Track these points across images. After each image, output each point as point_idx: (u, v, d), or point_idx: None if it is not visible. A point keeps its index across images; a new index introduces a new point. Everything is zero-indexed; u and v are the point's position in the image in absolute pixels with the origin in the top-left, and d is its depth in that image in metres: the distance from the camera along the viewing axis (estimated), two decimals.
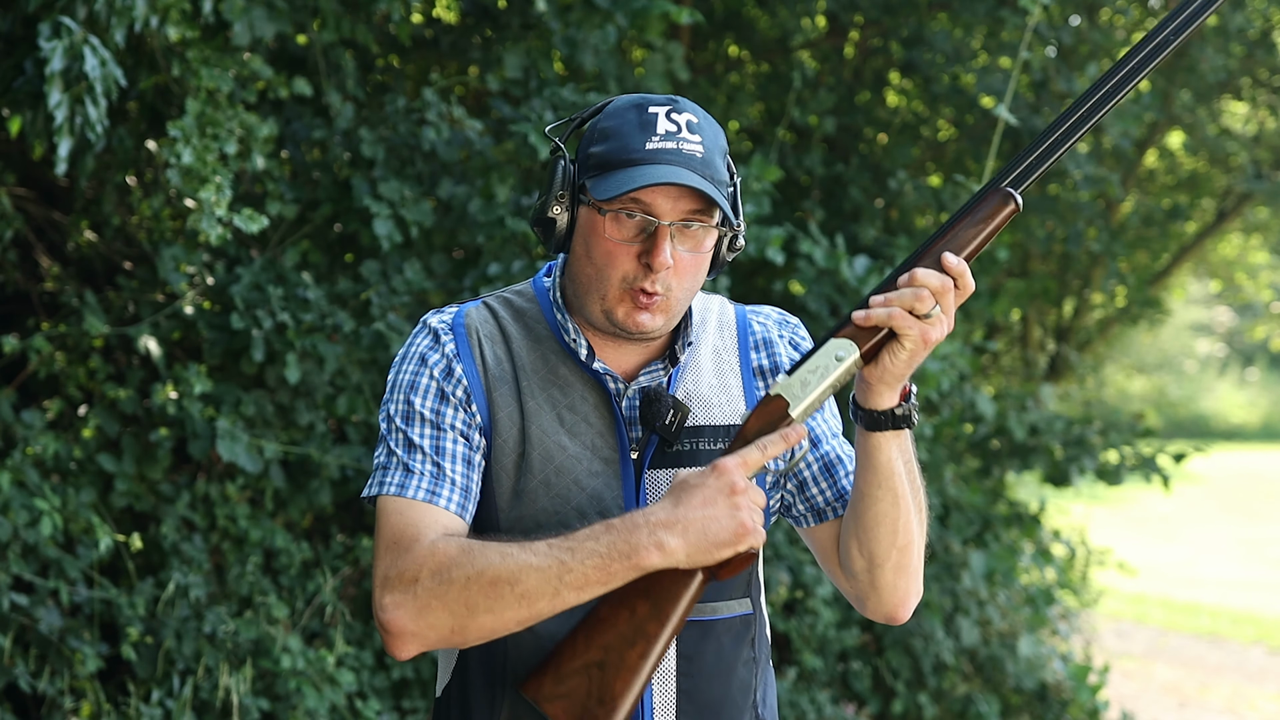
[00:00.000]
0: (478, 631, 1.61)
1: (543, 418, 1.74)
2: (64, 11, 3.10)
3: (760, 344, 1.88)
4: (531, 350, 1.78)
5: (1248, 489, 18.20)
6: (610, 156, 1.69)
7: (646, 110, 1.70)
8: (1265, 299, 10.49)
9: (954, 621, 5.42)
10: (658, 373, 1.79)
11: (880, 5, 5.67)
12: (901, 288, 1.65)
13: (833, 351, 1.68)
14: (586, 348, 1.76)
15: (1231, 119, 7.71)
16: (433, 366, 1.75)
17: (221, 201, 3.44)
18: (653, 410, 1.74)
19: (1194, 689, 8.13)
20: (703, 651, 1.76)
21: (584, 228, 1.72)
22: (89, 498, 3.72)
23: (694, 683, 1.75)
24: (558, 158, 1.75)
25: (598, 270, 1.71)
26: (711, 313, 1.89)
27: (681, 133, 1.69)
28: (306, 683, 3.72)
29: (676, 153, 1.67)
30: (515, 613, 1.60)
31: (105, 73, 3.09)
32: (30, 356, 3.77)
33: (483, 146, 4.17)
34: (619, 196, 1.66)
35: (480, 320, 1.79)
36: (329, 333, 3.93)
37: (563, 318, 1.77)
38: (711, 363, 1.84)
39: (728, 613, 1.78)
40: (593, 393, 1.77)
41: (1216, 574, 12.36)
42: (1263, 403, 26.76)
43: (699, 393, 1.81)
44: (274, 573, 4.07)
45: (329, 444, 4.03)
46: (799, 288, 4.92)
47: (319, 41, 4.16)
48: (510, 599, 1.59)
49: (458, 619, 1.60)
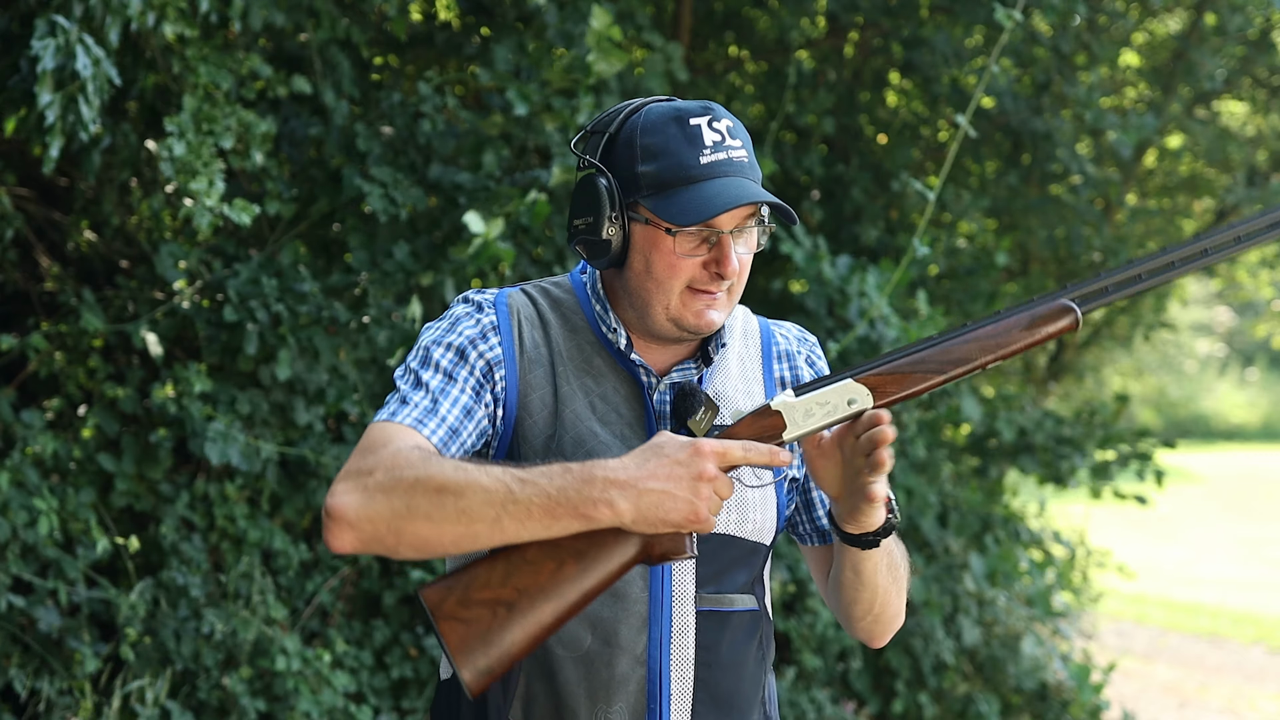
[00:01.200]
0: (412, 538, 1.58)
1: (576, 403, 1.76)
2: (59, 10, 3.09)
3: (783, 355, 1.91)
4: (568, 339, 1.80)
5: (1248, 489, 18.20)
6: (665, 175, 1.71)
7: (688, 123, 1.72)
8: (1266, 296, 10.48)
9: (954, 621, 5.42)
10: (690, 371, 1.81)
11: (880, 7, 5.67)
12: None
13: (847, 394, 1.67)
14: (626, 339, 1.79)
15: (1231, 119, 7.71)
16: (466, 329, 1.77)
17: (213, 193, 3.44)
18: (686, 405, 1.75)
19: (1194, 689, 8.13)
20: (720, 642, 1.77)
21: (643, 244, 1.74)
22: (88, 498, 3.72)
23: (711, 673, 1.76)
24: (594, 176, 1.75)
25: (659, 282, 1.73)
26: (736, 320, 1.91)
27: (726, 141, 1.73)
28: (304, 683, 3.72)
29: (729, 163, 1.72)
30: (452, 527, 1.57)
31: (98, 71, 3.08)
32: (29, 355, 3.77)
33: (472, 124, 4.19)
34: (698, 223, 1.68)
35: (521, 303, 1.82)
36: (326, 325, 3.94)
37: (603, 310, 1.80)
38: (737, 368, 1.87)
39: (740, 606, 1.80)
40: (625, 385, 1.79)
41: (1216, 574, 12.36)
42: (1263, 403, 26.76)
43: (727, 394, 1.84)
44: (273, 573, 4.07)
45: (326, 444, 4.03)
46: (799, 286, 4.93)
47: (314, 40, 4.17)
48: (451, 511, 1.57)
49: (397, 518, 1.57)
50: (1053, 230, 6.63)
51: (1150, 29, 6.96)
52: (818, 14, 5.98)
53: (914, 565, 5.28)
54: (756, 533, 1.81)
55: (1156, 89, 6.89)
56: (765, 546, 1.83)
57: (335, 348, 3.95)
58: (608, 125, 1.78)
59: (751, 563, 1.81)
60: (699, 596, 1.76)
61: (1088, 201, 6.45)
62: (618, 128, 1.77)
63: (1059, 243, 6.87)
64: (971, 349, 1.67)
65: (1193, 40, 6.42)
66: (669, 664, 1.74)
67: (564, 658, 1.73)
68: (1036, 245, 6.91)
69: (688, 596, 1.76)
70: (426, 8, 5.01)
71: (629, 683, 1.73)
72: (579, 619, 1.71)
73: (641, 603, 1.74)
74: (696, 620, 1.76)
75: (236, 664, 3.78)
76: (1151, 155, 7.45)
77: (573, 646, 1.73)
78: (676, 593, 1.75)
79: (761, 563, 1.83)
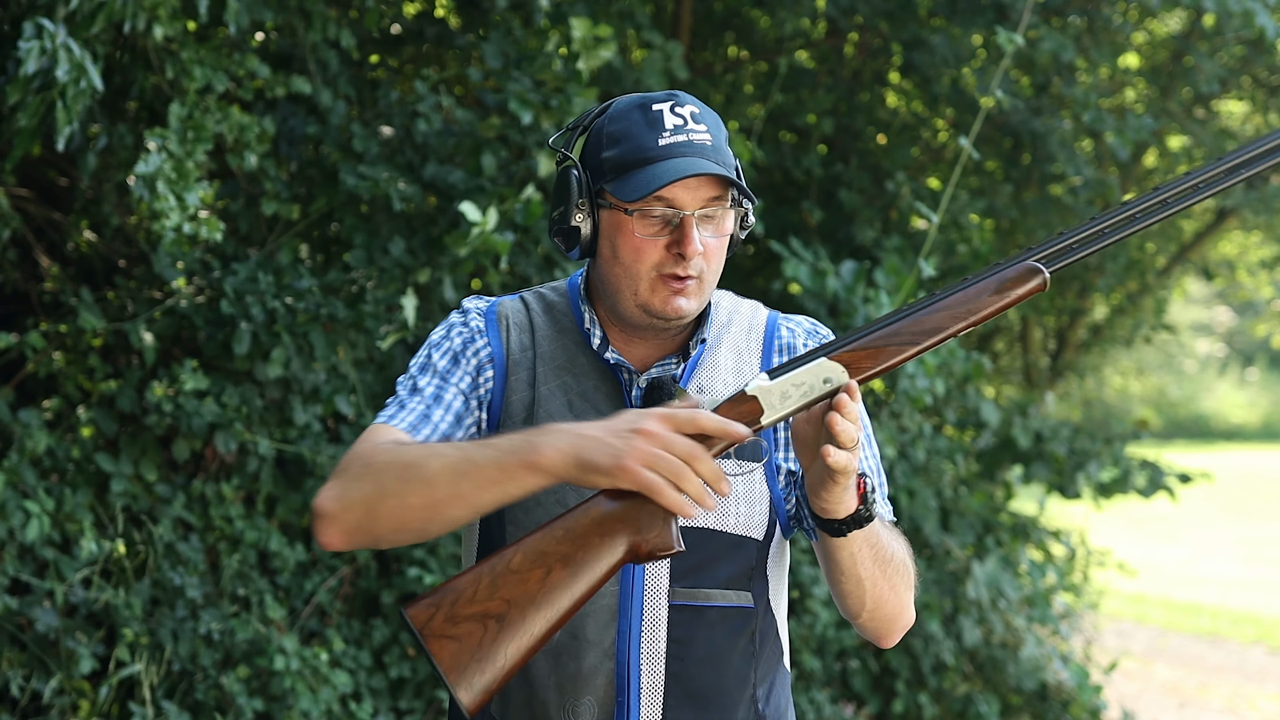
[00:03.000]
0: (386, 518, 1.62)
1: (552, 403, 1.80)
2: (45, 13, 3.09)
3: (784, 349, 1.89)
4: (554, 340, 1.84)
5: (1248, 489, 18.18)
6: (626, 158, 1.74)
7: (650, 109, 1.76)
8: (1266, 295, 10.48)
9: (955, 621, 5.42)
10: (670, 366, 1.83)
11: (880, 11, 5.66)
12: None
13: (822, 373, 1.64)
14: (600, 338, 1.82)
15: (1231, 119, 7.70)
16: (457, 334, 1.84)
17: (182, 210, 3.42)
18: (654, 398, 1.76)
19: (1194, 689, 8.13)
20: (693, 636, 1.77)
21: (609, 230, 1.77)
22: (85, 498, 3.72)
23: (684, 666, 1.76)
24: (568, 168, 1.79)
25: (626, 267, 1.76)
26: (741, 315, 1.92)
27: (688, 125, 1.75)
28: (302, 683, 3.72)
29: (688, 144, 1.73)
30: (417, 497, 1.60)
31: (78, 76, 3.07)
32: (27, 355, 3.77)
33: (469, 125, 4.19)
34: (646, 196, 1.71)
35: (512, 310, 1.88)
36: (324, 322, 3.94)
37: (586, 308, 1.84)
38: (731, 362, 1.87)
39: (722, 601, 1.79)
40: (605, 382, 1.82)
41: (1216, 574, 12.35)
42: (1263, 403, 26.75)
43: (712, 389, 1.84)
44: (270, 573, 4.07)
45: (323, 443, 4.03)
46: (797, 287, 4.92)
47: (306, 41, 4.17)
48: (416, 483, 1.60)
49: (370, 500, 1.62)
50: (1052, 231, 6.62)
51: (1150, 28, 6.96)
52: (817, 15, 5.97)
53: (916, 568, 5.27)
54: (741, 526, 1.79)
55: (1155, 89, 6.88)
56: (754, 541, 1.81)
57: (333, 345, 3.95)
58: (583, 120, 1.83)
59: (736, 557, 1.79)
60: (672, 590, 1.76)
61: (1087, 202, 6.44)
62: (590, 121, 1.82)
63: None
64: (942, 318, 1.66)
65: (1192, 40, 6.42)
66: (639, 658, 1.75)
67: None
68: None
69: (660, 590, 1.76)
70: (424, 6, 5.01)
71: (597, 676, 1.74)
72: None
73: (611, 596, 1.75)
74: (669, 614, 1.76)
75: (233, 664, 3.77)
76: (1151, 155, 7.45)
77: None
78: (649, 586, 1.76)
79: (755, 558, 1.81)
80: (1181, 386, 23.74)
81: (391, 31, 4.77)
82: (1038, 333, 8.30)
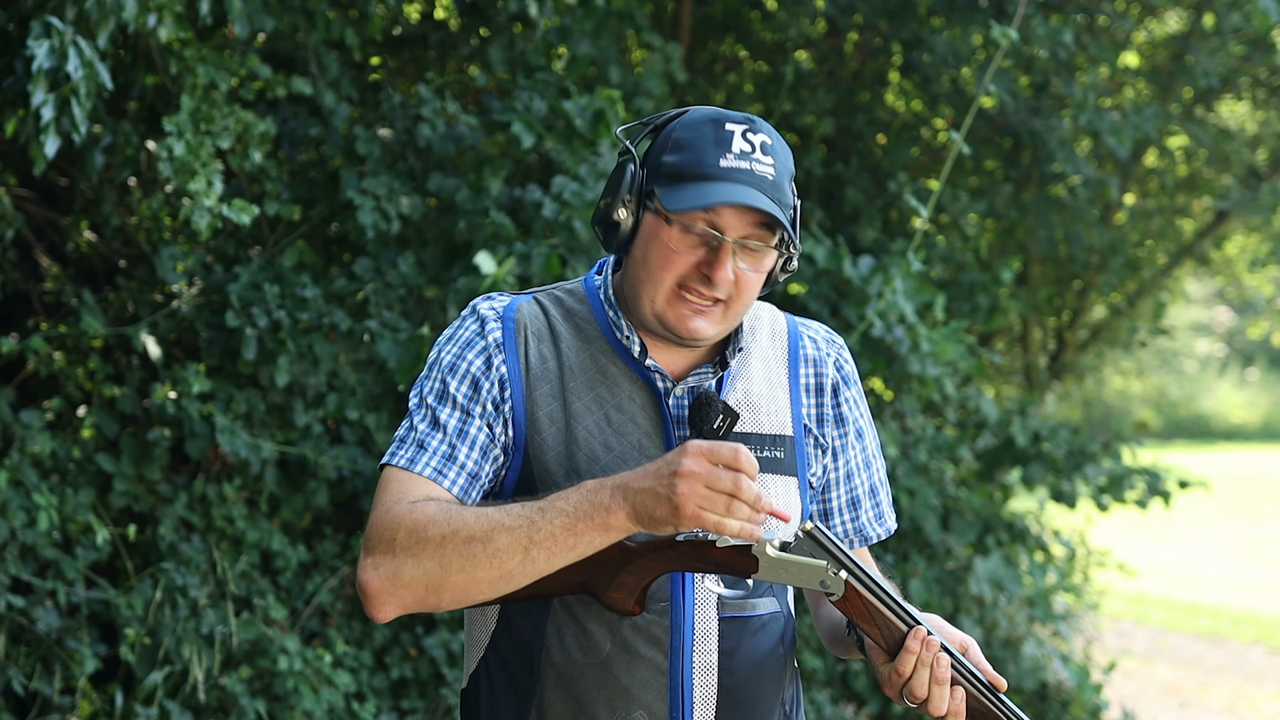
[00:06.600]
0: (451, 591, 1.62)
1: (588, 419, 1.76)
2: (54, 12, 3.10)
3: (809, 360, 1.89)
4: (580, 351, 1.79)
5: (1248, 489, 18.18)
6: (683, 168, 1.71)
7: (724, 126, 1.73)
8: (1266, 294, 10.47)
9: (955, 621, 5.41)
10: (706, 375, 1.80)
11: (879, 10, 5.66)
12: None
13: (820, 575, 1.66)
14: (640, 345, 1.78)
15: (1230, 119, 7.71)
16: (474, 353, 1.77)
17: (211, 193, 3.44)
18: (701, 414, 1.75)
19: (1194, 689, 8.13)
20: (739, 647, 1.76)
21: (647, 232, 1.75)
22: (87, 498, 3.72)
23: (735, 678, 1.76)
24: (626, 161, 1.77)
25: (651, 273, 1.73)
26: (762, 321, 1.90)
27: (755, 153, 1.72)
28: (304, 683, 3.72)
29: (749, 173, 1.70)
30: (487, 571, 1.60)
31: (90, 73, 3.08)
32: (28, 357, 3.77)
33: (474, 141, 4.18)
34: (690, 210, 1.68)
35: (530, 316, 1.81)
36: (326, 331, 3.93)
37: (615, 315, 1.80)
38: (761, 372, 1.86)
39: (763, 610, 1.79)
40: (640, 393, 1.78)
41: (1216, 574, 12.35)
42: (1263, 403, 26.73)
43: (749, 400, 1.82)
44: (272, 573, 4.07)
45: (325, 445, 4.03)
46: (798, 287, 4.92)
47: (309, 42, 4.17)
48: (482, 558, 1.59)
49: (431, 578, 1.61)
50: (1052, 231, 6.62)
51: (1150, 27, 6.96)
52: (817, 16, 5.97)
53: (915, 568, 5.28)
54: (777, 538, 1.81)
55: (1155, 89, 6.88)
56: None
57: (335, 354, 3.94)
58: (658, 118, 1.80)
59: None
60: (722, 603, 1.76)
61: (1087, 202, 6.44)
62: (665, 121, 1.80)
63: (1058, 244, 6.87)
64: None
65: (1192, 40, 6.42)
66: (691, 670, 1.74)
67: (583, 665, 1.73)
68: (1035, 246, 6.91)
69: (710, 602, 1.75)
70: (425, 8, 5.01)
71: (649, 689, 1.73)
72: (600, 624, 1.72)
73: (661, 610, 1.74)
74: (720, 626, 1.75)
75: (235, 664, 3.78)
76: (1152, 155, 7.45)
77: (593, 654, 1.73)
78: (699, 599, 1.75)
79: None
80: (1181, 387, 23.72)
81: (393, 34, 4.77)
82: (1037, 333, 8.29)
